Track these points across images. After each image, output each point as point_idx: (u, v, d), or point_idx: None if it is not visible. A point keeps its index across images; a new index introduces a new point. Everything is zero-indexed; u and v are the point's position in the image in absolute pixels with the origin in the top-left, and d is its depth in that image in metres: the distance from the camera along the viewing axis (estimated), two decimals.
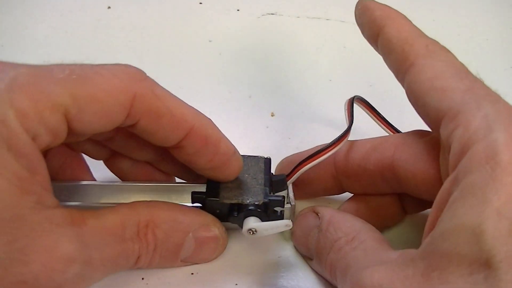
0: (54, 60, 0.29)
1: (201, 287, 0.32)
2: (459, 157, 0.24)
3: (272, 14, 0.55)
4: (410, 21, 0.32)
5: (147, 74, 0.30)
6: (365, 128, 0.39)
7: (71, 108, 0.26)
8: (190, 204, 0.33)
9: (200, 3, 0.56)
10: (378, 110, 0.38)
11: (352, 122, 0.34)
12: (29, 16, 0.53)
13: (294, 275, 0.33)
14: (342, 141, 0.33)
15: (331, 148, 0.32)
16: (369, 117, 0.38)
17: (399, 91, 0.47)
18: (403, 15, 0.32)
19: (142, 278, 0.32)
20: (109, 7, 0.55)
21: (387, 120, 0.38)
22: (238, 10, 0.55)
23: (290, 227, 0.31)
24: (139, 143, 0.31)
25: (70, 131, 0.27)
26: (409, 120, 0.32)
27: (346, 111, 0.35)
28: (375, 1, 0.33)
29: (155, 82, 0.29)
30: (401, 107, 0.46)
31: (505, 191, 0.22)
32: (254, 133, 0.43)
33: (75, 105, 0.26)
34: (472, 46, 0.53)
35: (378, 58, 0.34)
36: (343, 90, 0.41)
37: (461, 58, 0.51)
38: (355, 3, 0.33)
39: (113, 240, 0.28)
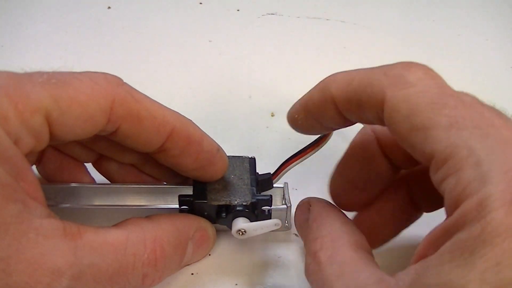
0: (54, 60, 0.29)
1: (201, 287, 0.32)
2: (453, 210, 0.23)
3: (272, 14, 0.55)
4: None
5: (147, 74, 0.30)
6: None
7: (52, 111, 0.26)
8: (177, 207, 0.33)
9: (200, 3, 0.56)
10: None
11: None
12: (29, 16, 0.53)
13: (294, 275, 0.33)
14: (326, 138, 0.33)
15: (316, 146, 0.33)
16: None
17: None
18: None
19: None
20: (109, 7, 0.54)
21: None
22: (238, 10, 0.55)
23: (279, 226, 0.32)
24: (122, 147, 0.31)
25: (52, 136, 0.27)
26: None
27: None
28: None
29: (133, 87, 0.29)
30: None
31: (492, 254, 0.21)
32: (254, 133, 0.43)
33: (56, 107, 0.26)
34: (472, 46, 0.53)
35: (378, 59, 0.34)
36: None
37: (461, 58, 0.52)
38: (355, 3, 0.33)
39: (111, 256, 0.27)
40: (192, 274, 0.33)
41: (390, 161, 0.32)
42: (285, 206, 0.34)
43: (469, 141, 0.23)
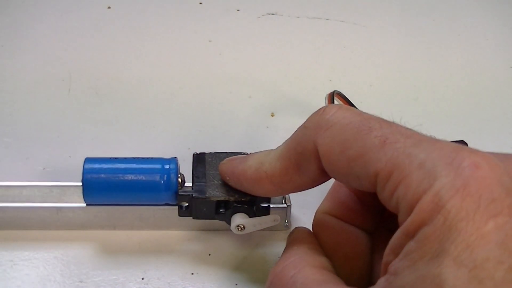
0: (54, 60, 0.29)
1: (201, 287, 0.32)
2: (409, 214, 0.23)
3: (272, 14, 0.55)
4: None
5: (147, 74, 0.29)
6: None
7: None
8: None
9: (200, 3, 0.56)
10: (357, 106, 0.38)
11: None
12: (29, 16, 0.53)
13: None
14: None
15: None
16: None
17: (399, 91, 0.48)
18: None
19: (142, 278, 0.32)
20: (109, 7, 0.54)
21: None
22: (238, 10, 0.55)
23: (278, 222, 0.32)
24: None
25: None
26: (409, 120, 0.32)
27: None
28: None
29: None
30: (401, 107, 0.46)
31: (461, 238, 0.21)
32: (254, 133, 0.43)
33: None
34: (472, 46, 0.53)
35: (378, 58, 0.34)
36: (343, 90, 0.41)
37: (461, 58, 0.52)
38: (355, 3, 0.33)
39: None
40: (192, 274, 0.33)
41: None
42: (285, 205, 0.34)
43: (406, 150, 0.24)
